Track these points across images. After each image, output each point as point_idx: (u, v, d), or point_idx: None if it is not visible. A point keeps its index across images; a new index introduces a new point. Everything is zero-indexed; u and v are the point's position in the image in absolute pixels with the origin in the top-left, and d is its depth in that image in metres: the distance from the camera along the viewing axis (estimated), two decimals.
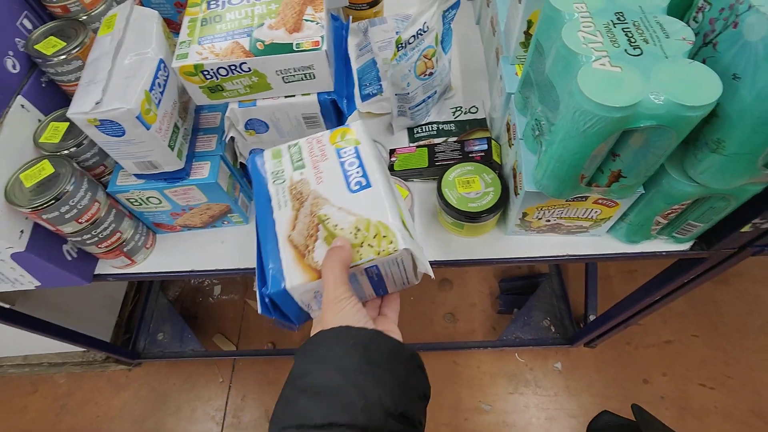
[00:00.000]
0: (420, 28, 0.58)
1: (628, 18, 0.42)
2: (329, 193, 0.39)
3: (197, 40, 0.46)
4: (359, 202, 0.38)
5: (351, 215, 0.38)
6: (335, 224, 0.37)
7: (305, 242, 0.37)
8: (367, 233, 0.36)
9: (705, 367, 1.20)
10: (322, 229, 0.37)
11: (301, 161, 0.42)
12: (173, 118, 0.51)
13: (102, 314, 1.23)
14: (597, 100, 0.36)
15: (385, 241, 0.36)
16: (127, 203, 0.58)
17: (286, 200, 0.40)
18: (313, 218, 0.38)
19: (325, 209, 0.38)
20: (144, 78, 0.47)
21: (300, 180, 0.41)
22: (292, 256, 0.36)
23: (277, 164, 0.43)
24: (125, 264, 0.62)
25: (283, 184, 0.41)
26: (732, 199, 0.49)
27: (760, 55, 0.35)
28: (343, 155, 0.42)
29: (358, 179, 0.40)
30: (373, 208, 0.38)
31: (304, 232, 0.37)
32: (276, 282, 0.35)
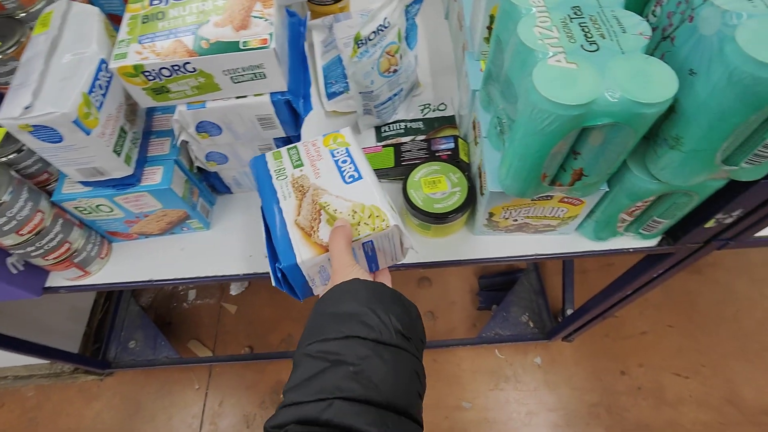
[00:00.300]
0: (380, 24, 0.56)
1: (585, 12, 0.40)
2: (327, 184, 0.46)
3: (137, 39, 0.43)
4: (354, 191, 0.45)
5: (347, 201, 0.45)
6: (335, 209, 0.44)
7: (310, 224, 0.44)
8: (363, 214, 0.44)
9: (680, 356, 1.22)
10: (324, 214, 0.44)
11: (300, 161, 0.48)
12: (119, 122, 0.49)
13: (69, 325, 1.18)
14: (552, 99, 0.35)
15: (378, 219, 0.43)
16: (75, 212, 0.55)
17: (290, 192, 0.46)
18: (315, 205, 0.45)
19: (325, 197, 0.45)
20: (82, 80, 0.44)
21: (300, 175, 0.47)
22: (300, 236, 0.43)
23: (278, 164, 0.49)
24: (78, 275, 0.59)
25: (286, 179, 0.47)
26: (694, 195, 0.48)
27: (715, 50, 0.34)
28: (336, 155, 0.48)
29: (351, 173, 0.47)
30: (365, 195, 0.45)
31: (309, 216, 0.44)
32: (288, 257, 0.42)
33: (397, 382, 0.32)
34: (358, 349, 0.33)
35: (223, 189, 0.65)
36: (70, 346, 1.15)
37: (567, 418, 1.15)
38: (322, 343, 0.34)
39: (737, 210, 0.50)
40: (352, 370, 0.31)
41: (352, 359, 0.32)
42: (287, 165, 0.48)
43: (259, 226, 0.46)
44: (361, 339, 0.33)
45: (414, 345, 0.36)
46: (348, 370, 0.32)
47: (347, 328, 0.34)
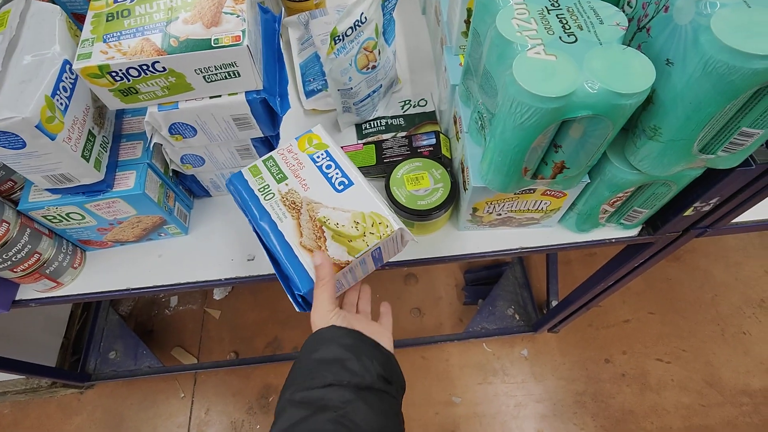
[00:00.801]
0: (357, 20, 0.55)
1: (562, 4, 0.40)
2: (319, 197, 0.45)
3: (102, 38, 0.41)
4: (349, 199, 0.45)
5: (346, 212, 0.44)
6: (336, 222, 0.44)
7: (317, 244, 0.43)
8: (365, 224, 0.44)
9: (661, 342, 1.25)
10: (327, 230, 0.44)
11: (281, 173, 0.47)
12: (86, 126, 0.47)
13: (44, 337, 1.14)
14: (533, 91, 0.35)
15: (382, 226, 0.44)
16: (44, 221, 0.52)
17: (284, 212, 0.45)
18: (315, 222, 0.44)
19: (322, 212, 0.44)
20: (45, 81, 0.41)
21: (288, 191, 0.46)
22: (310, 259, 0.43)
23: (259, 180, 0.47)
24: (50, 287, 0.57)
25: (274, 198, 0.46)
26: (673, 185, 0.49)
27: (690, 39, 0.34)
28: (318, 160, 0.47)
29: (340, 180, 0.46)
30: (362, 202, 0.45)
31: (312, 236, 0.44)
32: (306, 282, 0.42)
33: (381, 424, 0.34)
34: (342, 394, 0.34)
35: (201, 192, 0.63)
36: (46, 359, 1.11)
37: (554, 408, 1.16)
38: (306, 392, 0.35)
39: (714, 198, 0.51)
40: (336, 415, 0.33)
41: (336, 404, 0.33)
42: (269, 181, 0.47)
43: (242, 229, 0.46)
44: (344, 385, 0.35)
45: (395, 388, 0.38)
46: (332, 414, 0.33)
47: (331, 374, 0.35)
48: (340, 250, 0.43)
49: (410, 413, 1.17)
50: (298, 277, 0.43)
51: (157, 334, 1.29)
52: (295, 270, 0.43)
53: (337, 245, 0.43)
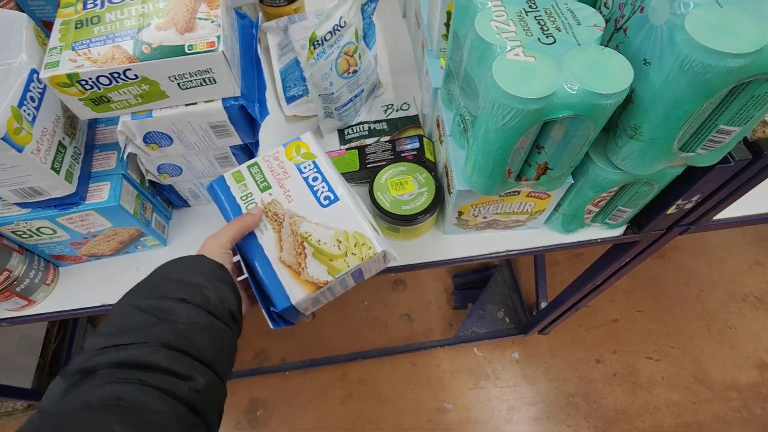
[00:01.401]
0: (336, 24, 0.54)
1: (540, 5, 0.40)
2: (303, 210, 0.44)
3: (71, 46, 0.40)
4: (333, 216, 0.43)
5: (329, 229, 0.43)
6: (318, 239, 0.43)
7: (297, 260, 0.42)
8: (348, 244, 0.43)
9: (650, 340, 1.26)
10: (308, 246, 0.42)
11: (266, 182, 0.45)
12: (56, 136, 0.45)
13: (20, 357, 1.10)
14: (513, 93, 0.35)
15: (365, 247, 0.42)
16: (13, 236, 0.50)
17: (265, 223, 0.43)
18: (296, 237, 0.43)
19: (304, 227, 0.43)
20: (11, 92, 0.40)
21: (271, 201, 0.44)
22: (289, 276, 0.42)
23: (242, 188, 0.45)
24: (21, 305, 0.55)
25: (257, 203, 0.44)
26: (655, 184, 0.49)
27: (665, 39, 0.34)
28: (305, 170, 0.46)
29: (325, 194, 0.44)
30: (346, 220, 0.43)
31: (292, 251, 0.42)
32: (282, 300, 0.41)
33: (220, 353, 0.35)
34: (193, 314, 0.34)
35: (180, 202, 0.61)
36: (22, 381, 1.06)
37: (547, 411, 1.16)
38: (157, 300, 0.34)
39: (696, 195, 0.51)
40: (182, 328, 0.33)
41: (184, 320, 0.33)
42: (253, 188, 0.45)
43: None
44: (198, 307, 0.34)
45: (238, 329, 0.39)
46: (178, 327, 0.33)
47: (187, 294, 0.35)
48: (320, 269, 0.42)
49: (402, 421, 1.15)
50: (274, 294, 0.41)
51: None
52: (271, 286, 0.41)
53: (317, 263, 0.42)
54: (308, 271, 0.41)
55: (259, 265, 0.42)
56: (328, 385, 1.19)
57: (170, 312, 0.33)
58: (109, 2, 0.43)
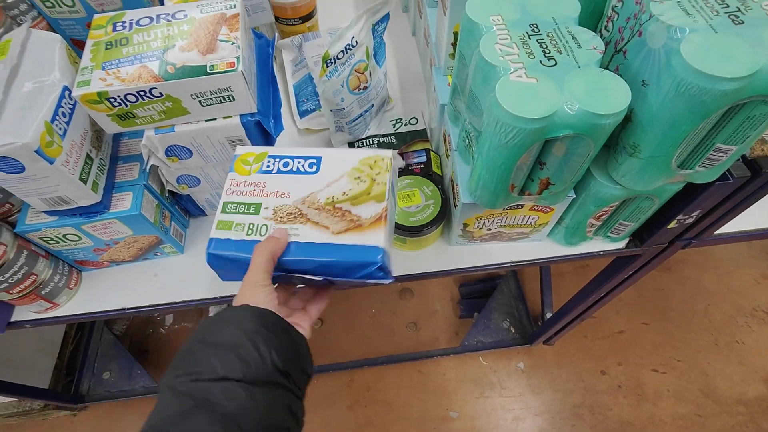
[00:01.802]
0: (348, 43, 0.57)
1: (542, 29, 0.42)
2: (306, 190, 0.41)
3: (101, 65, 0.43)
4: (331, 170, 0.41)
5: (340, 179, 0.41)
6: (342, 192, 0.40)
7: (347, 221, 0.39)
8: (365, 171, 0.41)
9: (656, 352, 1.26)
10: (342, 204, 0.40)
11: (251, 204, 0.41)
12: (84, 149, 0.48)
13: (38, 358, 1.13)
14: (515, 113, 0.36)
15: (379, 161, 0.41)
16: (40, 242, 0.53)
17: (292, 227, 0.40)
18: (326, 210, 0.40)
19: (321, 197, 0.41)
20: (44, 108, 0.43)
21: (274, 211, 0.41)
22: (356, 234, 0.39)
23: (238, 228, 0.40)
24: (45, 308, 0.57)
25: (269, 227, 0.40)
26: (655, 199, 0.50)
27: (663, 62, 0.36)
28: (269, 167, 0.43)
29: (308, 164, 0.42)
30: (344, 161, 0.42)
31: (335, 219, 0.40)
32: (373, 252, 0.38)
33: (268, 422, 0.32)
34: (229, 388, 0.31)
35: (197, 211, 0.64)
36: (39, 381, 1.09)
37: (552, 422, 1.16)
38: (192, 382, 0.31)
39: (696, 211, 0.53)
40: (220, 413, 0.30)
41: (221, 401, 0.30)
42: (248, 219, 0.40)
43: None
44: (233, 380, 0.31)
45: (293, 381, 0.35)
46: (215, 414, 0.30)
47: (221, 364, 0.32)
48: (369, 206, 0.39)
49: (408, 429, 1.16)
50: (362, 256, 0.38)
51: (152, 353, 1.28)
52: (351, 254, 0.38)
53: (363, 206, 0.39)
54: (363, 216, 0.39)
55: (323, 255, 0.38)
56: (335, 391, 1.20)
57: (207, 393, 0.31)
58: (137, 25, 0.46)
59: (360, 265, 0.38)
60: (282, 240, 0.38)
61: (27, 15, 0.55)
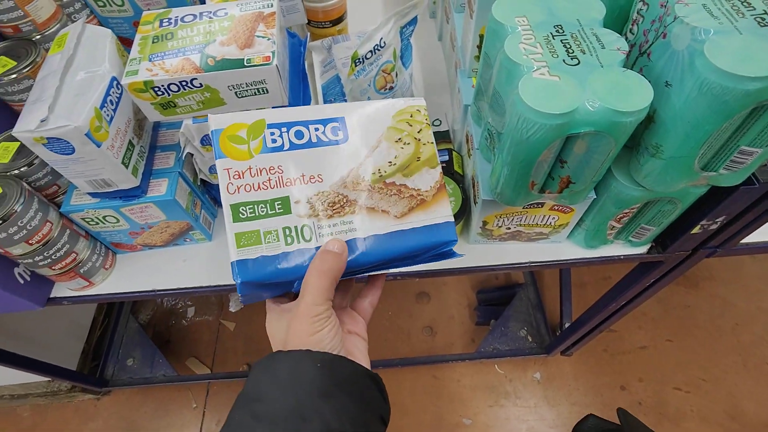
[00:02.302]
0: (376, 44, 0.59)
1: (566, 30, 0.43)
2: (343, 165, 0.32)
3: (148, 57, 0.46)
4: (364, 134, 0.33)
5: (379, 144, 0.33)
6: (388, 162, 0.33)
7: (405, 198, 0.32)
8: (403, 132, 0.33)
9: (680, 371, 1.22)
10: (392, 178, 0.32)
11: (278, 201, 0.31)
12: (127, 136, 0.51)
13: (68, 341, 1.18)
14: (537, 108, 0.37)
15: (415, 112, 0.34)
16: (82, 223, 0.56)
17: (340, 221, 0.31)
18: (375, 190, 0.32)
19: (364, 173, 0.32)
20: (95, 95, 0.46)
21: (312, 201, 0.31)
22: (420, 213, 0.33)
23: (270, 238, 0.30)
24: (82, 286, 0.61)
25: (313, 228, 0.31)
26: (678, 202, 0.50)
27: (686, 63, 0.37)
28: (275, 143, 0.31)
29: (328, 131, 0.32)
30: (374, 120, 0.33)
31: (391, 199, 0.32)
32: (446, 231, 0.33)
33: None
34: None
35: None
36: (68, 363, 1.14)
37: None
38: None
39: (721, 216, 0.52)
40: None
41: None
42: (279, 223, 0.30)
43: None
44: None
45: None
46: None
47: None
48: (424, 174, 0.33)
49: None
50: (434, 237, 0.32)
51: (173, 343, 1.32)
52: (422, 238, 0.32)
53: (417, 175, 0.33)
54: (422, 188, 0.33)
55: (394, 247, 0.31)
56: None
57: None
58: (182, 21, 0.49)
59: (434, 246, 0.33)
60: (343, 256, 0.30)
61: (81, 12, 0.60)
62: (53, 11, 0.55)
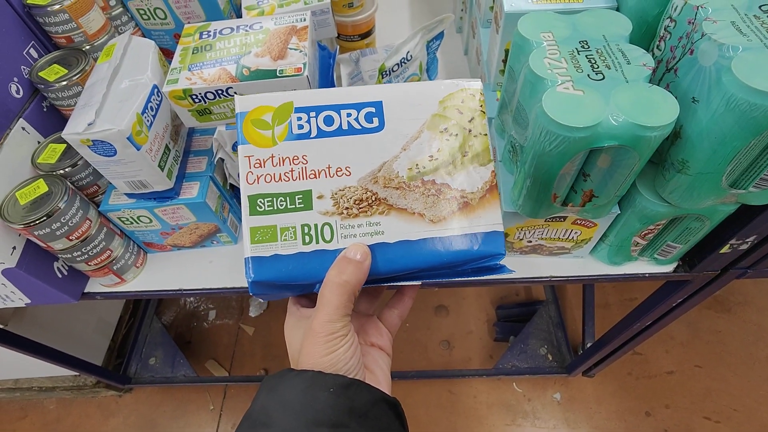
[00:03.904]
0: (403, 57, 0.61)
1: (591, 46, 0.44)
2: (376, 157, 0.28)
3: (188, 67, 0.49)
4: (403, 122, 0.28)
5: (420, 134, 0.28)
6: (430, 156, 0.27)
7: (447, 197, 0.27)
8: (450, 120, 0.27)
9: (710, 399, 1.17)
10: (431, 176, 0.27)
11: (299, 195, 0.28)
12: (164, 140, 0.54)
13: (95, 337, 1.23)
14: (560, 121, 0.38)
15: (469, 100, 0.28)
16: (118, 222, 0.59)
17: (367, 222, 0.27)
18: (412, 186, 0.28)
19: (400, 169, 0.28)
20: (137, 102, 0.49)
21: (337, 196, 0.28)
22: (463, 219, 0.28)
23: (289, 239, 0.28)
24: (114, 282, 0.64)
25: (335, 227, 0.27)
26: (706, 220, 0.49)
27: (713, 79, 0.37)
28: (302, 129, 0.28)
29: (362, 117, 0.28)
30: (417, 105, 0.28)
31: (429, 201, 0.28)
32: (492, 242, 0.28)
33: None
34: None
35: None
36: (95, 358, 1.18)
37: None
38: None
39: (752, 236, 0.51)
40: None
41: None
42: (299, 219, 0.28)
43: None
44: None
45: None
46: None
47: None
48: (474, 173, 0.28)
49: None
50: (476, 250, 0.27)
51: (194, 345, 1.35)
52: (463, 248, 0.27)
53: (465, 173, 0.28)
54: (467, 189, 0.28)
55: (425, 256, 0.27)
56: None
57: None
58: (220, 34, 0.52)
59: (476, 258, 0.28)
60: (365, 264, 0.26)
61: (128, 25, 0.64)
62: (103, 23, 0.59)
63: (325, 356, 0.26)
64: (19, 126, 0.54)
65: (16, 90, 0.54)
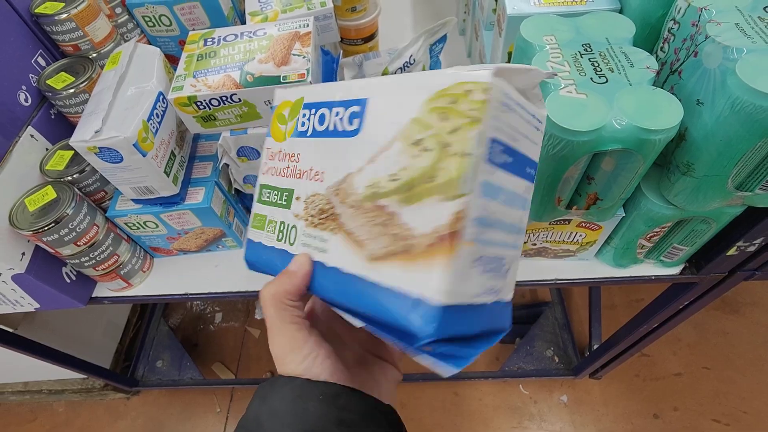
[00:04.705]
0: (406, 61, 0.61)
1: (594, 49, 0.44)
2: (340, 168, 0.24)
3: (192, 74, 0.49)
4: (380, 127, 0.23)
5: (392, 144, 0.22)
6: (391, 175, 0.21)
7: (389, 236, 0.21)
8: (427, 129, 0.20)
9: (719, 401, 1.15)
10: (385, 201, 0.22)
11: (285, 192, 0.28)
12: (170, 146, 0.54)
13: (103, 340, 1.24)
14: (563, 125, 0.38)
15: (463, 100, 0.19)
16: (125, 227, 0.60)
17: (320, 237, 0.25)
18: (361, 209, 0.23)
19: (359, 184, 0.23)
20: (143, 109, 0.50)
21: (309, 201, 0.26)
22: (398, 267, 0.21)
23: (271, 228, 0.28)
24: (122, 287, 0.64)
25: (298, 233, 0.26)
26: (712, 222, 0.49)
27: (718, 82, 0.36)
28: (304, 126, 0.27)
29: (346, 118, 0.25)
30: (402, 105, 0.22)
31: (374, 231, 0.22)
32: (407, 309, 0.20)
33: None
34: None
35: None
36: (103, 361, 1.19)
37: None
38: None
39: (759, 238, 0.50)
40: None
41: None
42: (279, 216, 0.28)
43: None
44: None
45: None
46: None
47: None
48: (431, 209, 0.20)
49: None
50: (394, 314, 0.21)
51: (201, 348, 1.36)
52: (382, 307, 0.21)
53: (418, 207, 0.20)
54: (414, 227, 0.20)
55: (348, 295, 0.23)
56: None
57: None
58: (224, 40, 0.52)
59: (388, 324, 0.21)
60: (299, 274, 0.25)
61: (133, 32, 0.65)
62: (109, 31, 0.60)
63: (299, 365, 0.25)
64: (28, 133, 0.55)
65: (24, 98, 0.55)
